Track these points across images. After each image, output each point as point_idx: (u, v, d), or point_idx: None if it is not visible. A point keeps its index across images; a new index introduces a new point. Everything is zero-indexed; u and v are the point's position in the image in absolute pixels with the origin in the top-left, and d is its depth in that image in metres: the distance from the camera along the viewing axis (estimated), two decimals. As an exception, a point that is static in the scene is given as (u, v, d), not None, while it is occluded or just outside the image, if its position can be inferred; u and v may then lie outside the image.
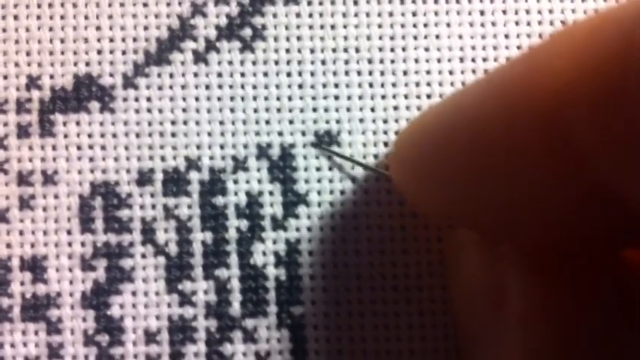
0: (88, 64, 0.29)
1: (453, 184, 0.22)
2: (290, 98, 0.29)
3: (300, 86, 0.29)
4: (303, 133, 0.28)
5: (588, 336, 0.22)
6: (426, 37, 0.29)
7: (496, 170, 0.20)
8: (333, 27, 0.29)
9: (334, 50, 0.29)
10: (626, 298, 0.22)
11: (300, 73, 0.29)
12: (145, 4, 0.29)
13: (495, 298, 0.24)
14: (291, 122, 0.28)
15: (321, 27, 0.29)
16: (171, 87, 0.29)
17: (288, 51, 0.29)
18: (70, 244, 0.28)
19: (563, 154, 0.18)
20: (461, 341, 0.27)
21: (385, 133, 0.28)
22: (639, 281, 0.23)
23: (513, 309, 0.23)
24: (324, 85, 0.29)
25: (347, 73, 0.29)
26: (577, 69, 0.17)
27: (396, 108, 0.28)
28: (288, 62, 0.29)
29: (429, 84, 0.29)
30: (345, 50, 0.29)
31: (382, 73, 0.29)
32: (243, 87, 0.29)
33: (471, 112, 0.21)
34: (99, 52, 0.29)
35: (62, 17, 0.29)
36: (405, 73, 0.29)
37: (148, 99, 0.29)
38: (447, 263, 0.27)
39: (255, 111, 0.28)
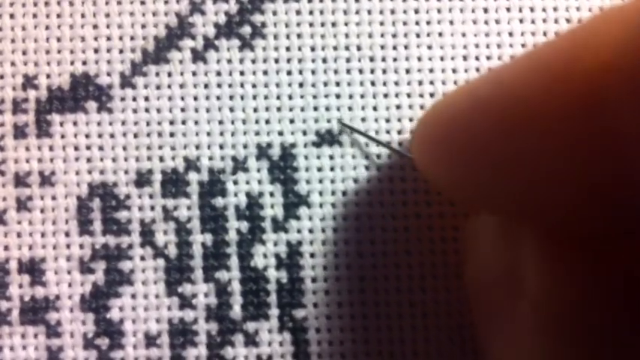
0: (85, 63, 0.28)
1: (480, 165, 0.22)
2: (290, 97, 0.28)
3: (301, 85, 0.28)
4: (304, 133, 0.28)
5: (599, 331, 0.22)
6: (428, 34, 0.28)
7: (527, 150, 0.20)
8: (334, 24, 0.29)
9: (335, 48, 0.28)
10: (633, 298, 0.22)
11: (300, 72, 0.28)
12: (143, 2, 0.29)
13: (510, 285, 0.23)
14: (291, 121, 0.28)
15: (322, 24, 0.29)
16: (169, 86, 0.28)
17: (288, 49, 0.28)
18: (68, 246, 0.28)
19: (599, 138, 0.18)
20: (476, 337, 0.27)
21: (387, 132, 0.28)
22: None
23: (527, 297, 0.23)
24: (325, 84, 0.28)
25: (348, 71, 0.28)
26: (623, 47, 0.17)
27: (398, 107, 0.28)
28: (289, 60, 0.28)
29: (431, 82, 0.28)
30: (347, 48, 0.28)
31: (384, 72, 0.28)
32: (242, 86, 0.28)
33: (506, 89, 0.20)
34: (96, 50, 0.28)
35: (59, 15, 0.29)
36: (407, 71, 0.28)
37: (146, 98, 0.28)
38: (464, 252, 0.27)
39: (255, 110, 0.28)
